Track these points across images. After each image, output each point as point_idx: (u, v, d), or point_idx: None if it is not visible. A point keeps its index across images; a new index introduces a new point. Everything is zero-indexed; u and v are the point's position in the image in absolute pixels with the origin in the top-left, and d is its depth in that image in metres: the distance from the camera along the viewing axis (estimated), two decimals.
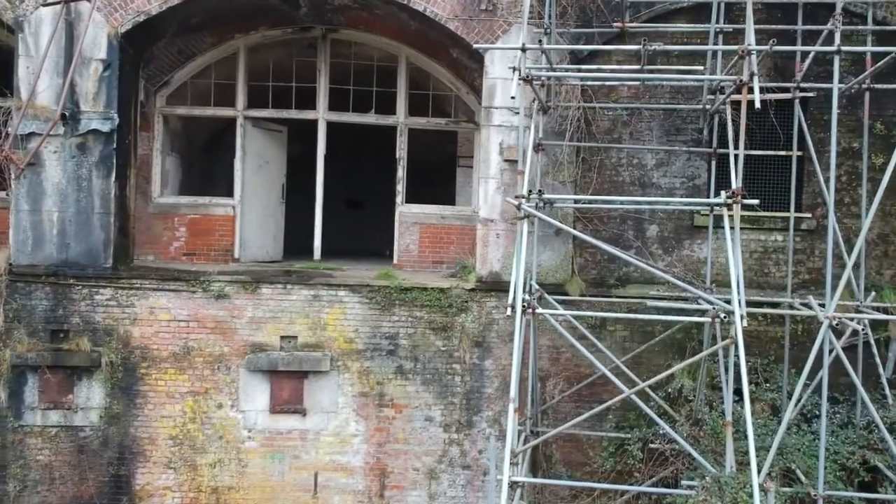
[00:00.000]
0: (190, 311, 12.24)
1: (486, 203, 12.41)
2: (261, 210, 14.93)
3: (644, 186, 12.44)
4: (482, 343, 12.37)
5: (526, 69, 10.07)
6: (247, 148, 14.56)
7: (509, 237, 12.34)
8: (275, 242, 15.35)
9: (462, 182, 16.08)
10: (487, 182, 12.42)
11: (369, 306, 12.29)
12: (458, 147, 16.16)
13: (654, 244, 12.44)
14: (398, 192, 14.63)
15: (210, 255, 14.19)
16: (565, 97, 12.07)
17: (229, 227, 14.27)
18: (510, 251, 12.22)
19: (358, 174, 22.40)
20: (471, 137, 15.88)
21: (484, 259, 12.42)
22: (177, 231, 14.20)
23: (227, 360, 12.25)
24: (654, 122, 12.40)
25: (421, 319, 12.31)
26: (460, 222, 14.34)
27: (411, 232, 14.37)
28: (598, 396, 12.25)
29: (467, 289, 12.35)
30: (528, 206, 9.91)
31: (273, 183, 15.28)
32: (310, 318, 12.28)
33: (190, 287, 12.25)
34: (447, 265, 14.26)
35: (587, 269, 12.50)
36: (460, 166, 16.14)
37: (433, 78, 14.67)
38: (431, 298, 12.25)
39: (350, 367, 12.30)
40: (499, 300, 12.34)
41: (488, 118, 12.46)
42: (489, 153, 12.43)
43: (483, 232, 12.43)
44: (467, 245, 14.20)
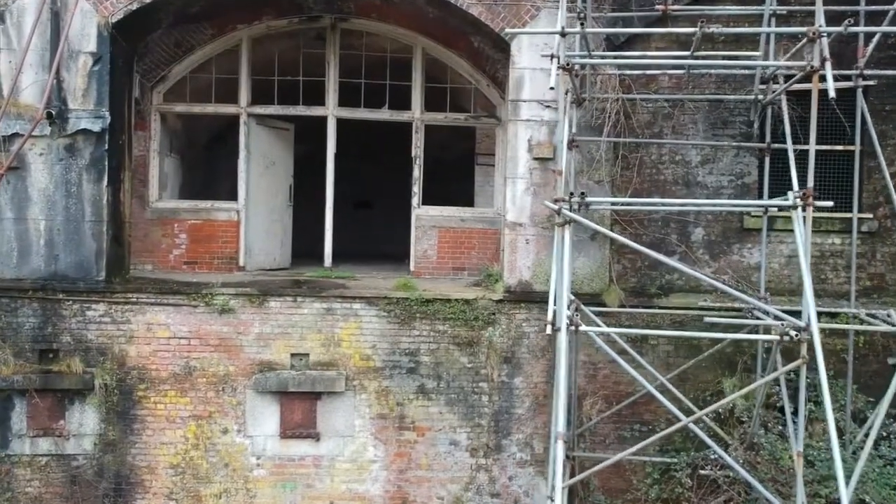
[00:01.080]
0: (191, 328, 10.98)
1: (514, 205, 11.12)
2: (267, 214, 13.65)
3: (688, 185, 11.15)
4: (511, 359, 11.09)
5: (565, 56, 8.75)
6: (251, 147, 13.28)
7: (540, 243, 11.07)
8: (282, 249, 14.08)
9: (481, 181, 14.79)
10: (515, 182, 11.13)
11: (387, 320, 11.02)
12: (477, 144, 14.86)
13: (700, 249, 11.15)
14: (414, 193, 13.35)
15: (213, 264, 12.94)
16: (601, 88, 10.77)
17: (233, 233, 13.00)
18: (541, 258, 10.97)
19: (366, 173, 21.11)
20: (491, 133, 14.59)
21: (512, 267, 11.14)
22: (177, 238, 12.93)
23: (233, 380, 10.99)
24: (698, 114, 11.10)
25: (444, 334, 11.04)
26: (482, 225, 13.08)
27: (429, 236, 13.10)
28: (640, 416, 11.03)
29: (494, 300, 11.07)
30: (569, 211, 8.61)
31: (280, 185, 14.00)
32: (322, 333, 11.01)
33: (191, 301, 10.97)
34: (468, 272, 13.01)
35: (626, 276, 11.21)
36: (479, 164, 14.84)
37: (451, 70, 13.38)
38: (455, 311, 10.98)
39: (367, 386, 11.04)
40: (529, 312, 11.07)
41: (515, 112, 11.16)
42: (517, 150, 11.13)
43: (511, 237, 11.14)
44: (490, 250, 12.95)
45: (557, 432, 8.00)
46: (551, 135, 11.05)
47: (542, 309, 10.89)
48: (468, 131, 16.77)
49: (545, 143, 11.01)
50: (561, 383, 8.01)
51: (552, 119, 11.04)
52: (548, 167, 11.05)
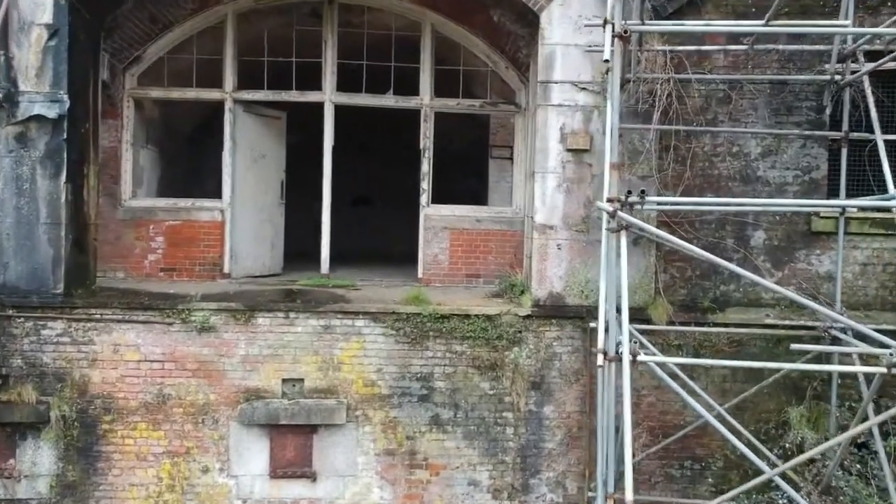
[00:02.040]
0: (165, 349, 9.17)
1: (544, 205, 9.34)
2: (255, 213, 11.84)
3: (746, 181, 9.38)
4: (540, 385, 9.33)
5: (622, 23, 6.96)
6: (237, 138, 11.46)
7: (573, 248, 9.30)
8: (273, 252, 12.27)
9: (496, 177, 13.01)
10: (545, 178, 9.35)
11: (395, 339, 9.24)
12: (492, 135, 13.07)
13: (761, 255, 9.39)
14: (423, 190, 11.57)
15: (194, 271, 11.14)
16: (646, 67, 8.99)
17: (217, 236, 11.19)
18: (575, 266, 9.21)
19: (365, 167, 19.31)
20: (507, 123, 12.80)
21: (541, 277, 9.35)
22: (152, 241, 11.13)
23: (215, 410, 9.19)
24: (759, 98, 9.33)
25: (462, 355, 9.27)
26: (500, 226, 11.31)
27: (440, 239, 11.33)
28: (691, 451, 9.31)
29: (521, 315, 9.29)
30: (626, 214, 6.83)
31: (270, 180, 12.18)
32: (319, 355, 9.23)
33: (165, 317, 9.17)
34: (485, 279, 11.24)
35: (674, 288, 9.45)
36: (494, 158, 13.05)
37: (464, 51, 11.57)
38: (475, 328, 9.21)
39: (372, 417, 9.26)
40: (561, 329, 9.31)
41: (545, 96, 9.37)
42: (547, 141, 9.34)
43: (539, 242, 9.36)
44: (508, 255, 11.19)
45: None
46: (587, 122, 9.28)
47: (576, 326, 9.20)
48: (479, 121, 15.00)
49: (580, 132, 9.24)
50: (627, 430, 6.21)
51: (588, 104, 9.27)
52: (583, 160, 9.28)
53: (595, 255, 9.24)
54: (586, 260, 9.27)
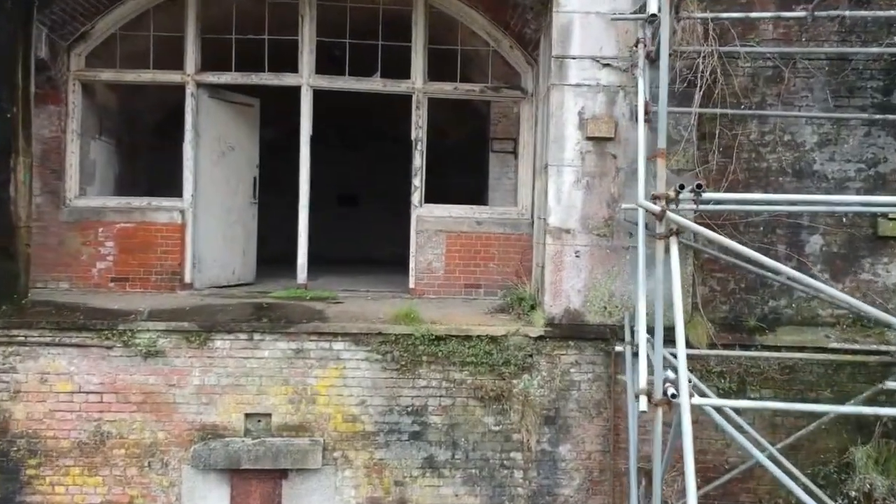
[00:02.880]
0: (104, 378, 7.49)
1: (559, 204, 7.69)
2: (223, 214, 10.17)
3: (800, 176, 7.75)
4: (555, 419, 7.68)
5: None
6: (201, 128, 9.79)
7: (594, 256, 7.66)
8: (244, 258, 10.60)
9: (497, 173, 11.37)
10: (561, 172, 7.69)
11: (382, 366, 7.58)
12: (492, 126, 11.43)
13: (818, 263, 7.76)
14: (415, 187, 9.91)
15: (150, 281, 9.49)
16: (682, 38, 7.36)
17: (176, 240, 9.54)
18: (596, 278, 7.57)
19: (350, 163, 17.66)
20: (509, 112, 11.17)
21: (556, 290, 7.71)
22: (101, 247, 9.47)
23: (164, 452, 7.52)
24: (814, 77, 7.71)
25: (461, 385, 7.61)
26: (503, 229, 9.69)
27: (434, 243, 9.68)
28: (734, 498, 7.66)
29: (532, 337, 7.64)
30: (675, 215, 5.18)
31: (241, 176, 10.51)
32: (290, 385, 7.56)
33: (103, 339, 7.49)
34: (486, 290, 9.62)
35: (714, 303, 7.82)
36: (495, 152, 11.41)
37: (462, 28, 9.93)
38: (478, 352, 7.55)
39: (353, 459, 7.59)
40: (580, 353, 7.66)
41: (561, 74, 7.71)
42: (562, 128, 7.69)
43: (554, 248, 7.71)
44: (513, 261, 9.58)
45: None
46: (611, 105, 7.65)
47: (598, 349, 7.56)
48: (476, 112, 13.37)
49: (603, 117, 7.60)
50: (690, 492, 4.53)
51: (612, 83, 7.64)
52: (606, 151, 7.65)
53: (620, 265, 7.63)
54: (609, 270, 7.64)
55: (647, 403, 5.23)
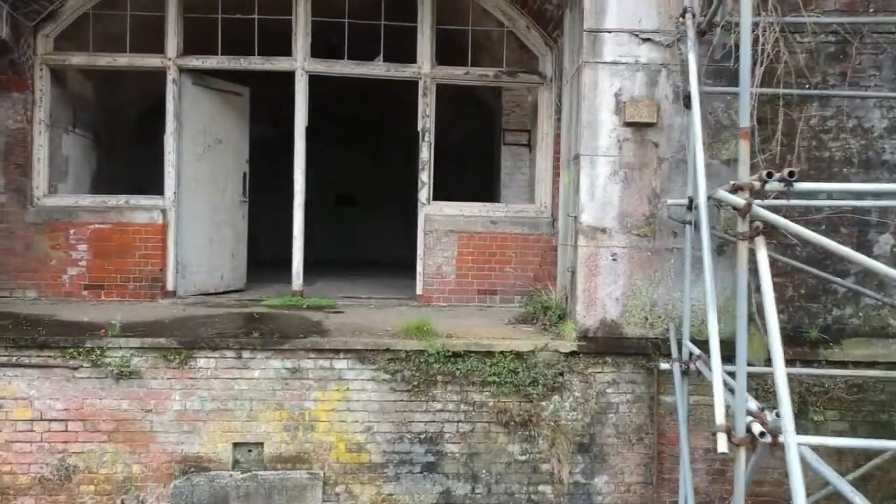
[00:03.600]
0: (69, 403, 6.39)
1: (593, 200, 6.62)
2: (210, 214, 9.09)
3: (867, 166, 6.69)
4: (590, 447, 6.61)
5: None
6: (184, 118, 8.72)
7: (634, 260, 6.60)
8: (233, 262, 9.51)
9: (511, 168, 10.31)
10: (595, 163, 6.62)
11: (391, 386, 6.50)
12: (504, 117, 10.36)
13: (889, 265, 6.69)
14: (422, 183, 8.83)
15: (127, 289, 8.42)
16: (732, 9, 6.31)
17: (157, 242, 8.47)
18: (635, 284, 6.51)
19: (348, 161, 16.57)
20: (523, 102, 10.14)
21: (590, 298, 6.64)
22: (73, 250, 8.41)
23: (140, 488, 6.42)
24: (884, 53, 6.64)
25: (482, 408, 6.54)
26: (520, 229, 8.66)
27: (444, 245, 8.63)
28: None
29: (563, 352, 6.56)
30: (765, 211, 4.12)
31: (229, 172, 9.42)
32: (285, 409, 6.47)
33: (68, 359, 6.38)
34: (502, 297, 8.60)
35: None
36: (507, 144, 10.35)
37: (473, 6, 8.88)
38: (501, 371, 6.47)
39: (358, 495, 6.51)
40: (617, 371, 6.60)
41: (594, 51, 6.64)
42: (596, 112, 6.62)
43: (588, 251, 6.64)
44: (531, 264, 8.56)
45: None
46: (652, 86, 6.59)
47: (638, 365, 6.52)
48: (483, 103, 12.32)
49: (643, 100, 6.54)
50: None
51: (653, 60, 6.58)
52: (646, 138, 6.59)
53: (664, 269, 6.58)
54: (651, 275, 6.58)
55: (727, 443, 4.16)
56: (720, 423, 4.24)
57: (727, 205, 4.46)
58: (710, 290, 4.76)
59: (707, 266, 4.80)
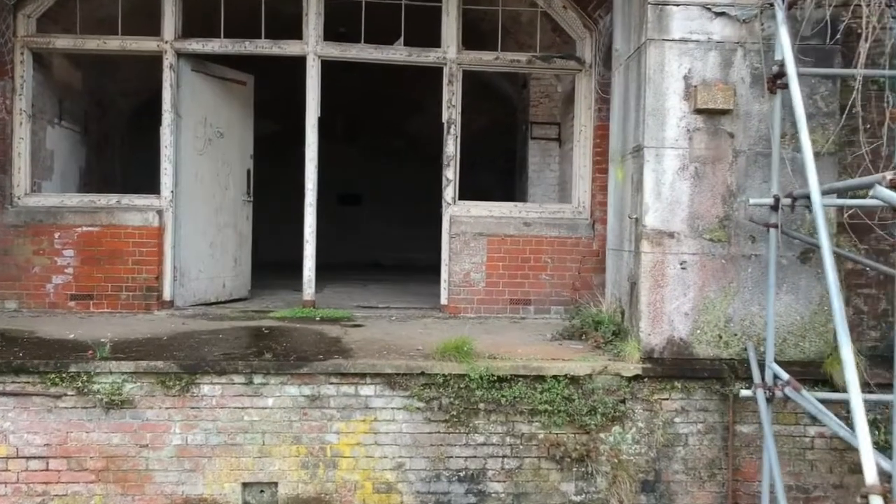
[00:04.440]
0: (51, 438, 5.39)
1: (659, 199, 5.65)
2: (211, 215, 8.10)
3: None
4: (654, 484, 5.65)
5: None
6: (183, 108, 7.73)
7: (706, 269, 5.64)
8: (236, 268, 8.53)
9: (538, 164, 9.41)
10: (661, 157, 5.65)
11: (426, 416, 5.52)
12: (532, 108, 9.44)
13: None
14: (447, 180, 7.85)
15: (119, 299, 7.45)
16: None
17: (153, 247, 7.49)
18: (707, 296, 5.56)
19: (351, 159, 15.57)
20: (552, 92, 9.21)
21: (656, 314, 5.67)
22: (59, 256, 7.43)
23: None
24: None
25: (531, 441, 5.57)
26: (557, 232, 7.71)
27: (473, 249, 7.67)
28: None
29: (626, 376, 5.59)
30: None
31: (232, 168, 8.44)
32: (303, 443, 5.49)
33: (50, 386, 5.38)
34: (536, 307, 7.66)
35: (861, 329, 5.84)
36: (535, 138, 9.44)
37: None
38: (553, 398, 5.50)
39: None
40: (687, 397, 5.64)
41: (660, 26, 5.66)
42: (662, 97, 5.64)
43: (652, 258, 5.67)
44: (569, 271, 7.63)
45: None
46: (726, 68, 5.63)
47: (711, 391, 5.59)
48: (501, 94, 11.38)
49: (716, 84, 5.58)
50: None
51: (728, 38, 5.63)
52: (720, 128, 5.63)
53: (740, 279, 5.63)
54: (725, 286, 5.63)
55: None
56: (872, 482, 3.30)
57: None
58: (839, 308, 3.81)
59: (830, 278, 3.85)
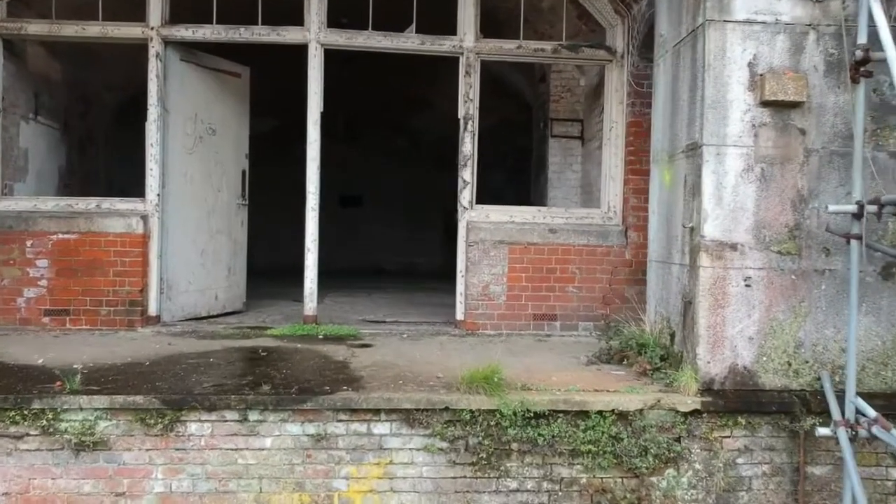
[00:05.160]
0: (11, 485, 4.55)
1: (720, 205, 4.82)
2: (202, 220, 7.27)
3: None
4: None
5: None
6: (171, 102, 6.90)
7: (774, 286, 4.83)
8: (230, 278, 7.70)
9: (560, 164, 8.60)
10: (722, 156, 4.82)
11: (449, 458, 4.69)
12: (552, 103, 8.63)
13: None
14: (464, 182, 7.03)
15: (100, 314, 6.63)
16: None
17: (136, 256, 6.66)
18: (776, 318, 4.76)
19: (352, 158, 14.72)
20: (573, 86, 8.45)
21: (716, 338, 4.85)
22: (32, 267, 6.61)
23: None
24: None
25: (572, 486, 4.74)
26: (585, 240, 6.92)
27: (493, 259, 6.85)
28: None
29: (682, 411, 4.77)
30: None
31: (225, 168, 7.60)
32: (307, 490, 4.65)
33: (9, 425, 4.54)
34: (563, 323, 6.86)
35: None
36: (556, 136, 8.64)
37: None
38: (598, 437, 4.67)
39: None
40: (751, 434, 4.82)
41: (721, 6, 4.82)
42: (724, 87, 4.81)
43: (712, 274, 4.84)
44: (599, 283, 6.86)
45: None
46: (797, 54, 4.82)
47: (778, 426, 4.82)
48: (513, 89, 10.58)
49: (786, 72, 4.77)
50: None
51: (799, 19, 4.82)
52: (790, 123, 4.82)
53: (811, 298, 4.83)
54: (796, 306, 4.82)
55: None
56: None
57: None
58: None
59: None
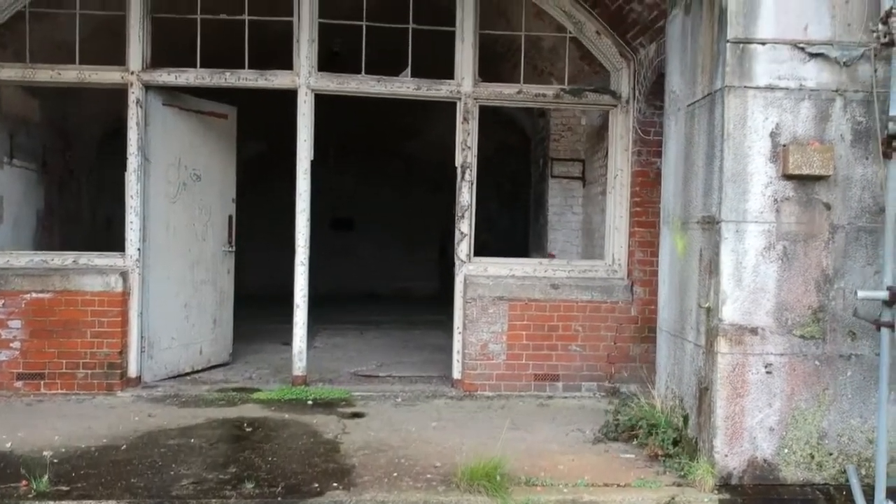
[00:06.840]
0: None
1: (740, 286, 4.40)
2: (186, 271, 6.85)
3: None
4: None
5: None
6: (152, 150, 6.47)
7: (796, 373, 4.43)
8: (215, 330, 7.26)
9: (560, 205, 8.22)
10: (742, 234, 4.41)
11: None
12: (552, 142, 8.24)
13: None
14: (461, 234, 6.62)
15: (76, 378, 6.24)
16: None
17: (116, 315, 6.24)
18: (798, 407, 4.39)
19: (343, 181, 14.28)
20: (574, 125, 8.07)
21: (734, 429, 4.45)
22: (3, 328, 6.20)
23: None
24: None
25: None
26: (589, 295, 6.53)
27: (492, 317, 6.46)
28: None
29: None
30: None
31: (210, 216, 7.16)
32: None
33: None
34: (565, 384, 6.49)
35: None
36: (556, 176, 8.27)
37: (525, 4, 6.68)
38: None
39: None
40: None
41: (741, 70, 4.39)
42: (744, 159, 4.40)
43: (732, 360, 4.43)
44: (603, 341, 6.51)
45: None
46: (822, 122, 4.42)
47: None
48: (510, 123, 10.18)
49: (812, 142, 4.38)
50: None
51: (825, 85, 4.41)
52: (814, 197, 4.42)
53: (836, 385, 4.45)
54: (819, 394, 4.43)
55: None
56: None
57: None
58: None
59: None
